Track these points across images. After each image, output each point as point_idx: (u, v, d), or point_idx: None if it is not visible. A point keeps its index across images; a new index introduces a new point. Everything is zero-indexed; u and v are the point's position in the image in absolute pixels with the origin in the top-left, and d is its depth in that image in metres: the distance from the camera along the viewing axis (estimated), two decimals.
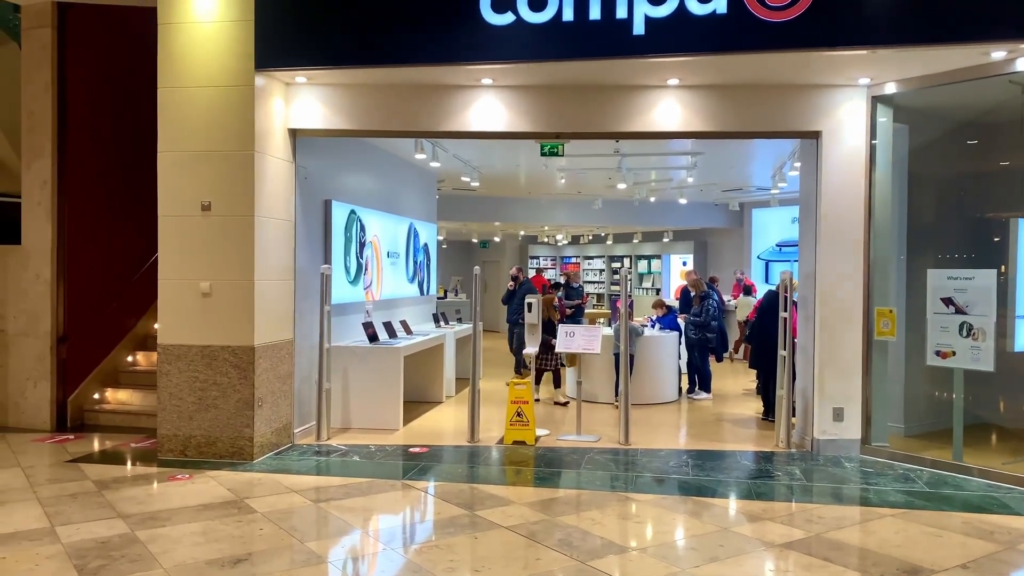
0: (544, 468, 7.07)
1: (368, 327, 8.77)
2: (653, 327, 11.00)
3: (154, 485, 6.32)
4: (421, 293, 11.83)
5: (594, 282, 25.22)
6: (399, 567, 4.70)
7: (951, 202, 8.52)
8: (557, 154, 8.59)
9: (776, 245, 17.42)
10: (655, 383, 10.38)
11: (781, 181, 11.94)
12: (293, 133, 7.61)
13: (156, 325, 7.31)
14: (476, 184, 13.03)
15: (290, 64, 7.01)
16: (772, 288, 9.29)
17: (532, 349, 8.89)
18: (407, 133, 8.02)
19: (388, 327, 9.27)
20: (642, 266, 23.47)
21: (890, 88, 7.27)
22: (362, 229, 9.28)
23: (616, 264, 24.30)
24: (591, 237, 24.84)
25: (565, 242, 25.85)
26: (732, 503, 6.04)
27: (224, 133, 6.96)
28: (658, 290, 21.95)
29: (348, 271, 8.93)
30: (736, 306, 14.76)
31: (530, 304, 8.82)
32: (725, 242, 19.94)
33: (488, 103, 7.48)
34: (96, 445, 7.80)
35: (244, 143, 6.94)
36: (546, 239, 25.87)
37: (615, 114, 7.49)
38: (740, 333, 13.04)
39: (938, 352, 6.98)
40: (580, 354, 8.38)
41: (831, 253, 7.47)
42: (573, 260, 26.30)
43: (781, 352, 7.80)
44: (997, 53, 6.29)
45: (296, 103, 7.53)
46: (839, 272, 7.45)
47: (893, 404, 7.78)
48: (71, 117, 8.62)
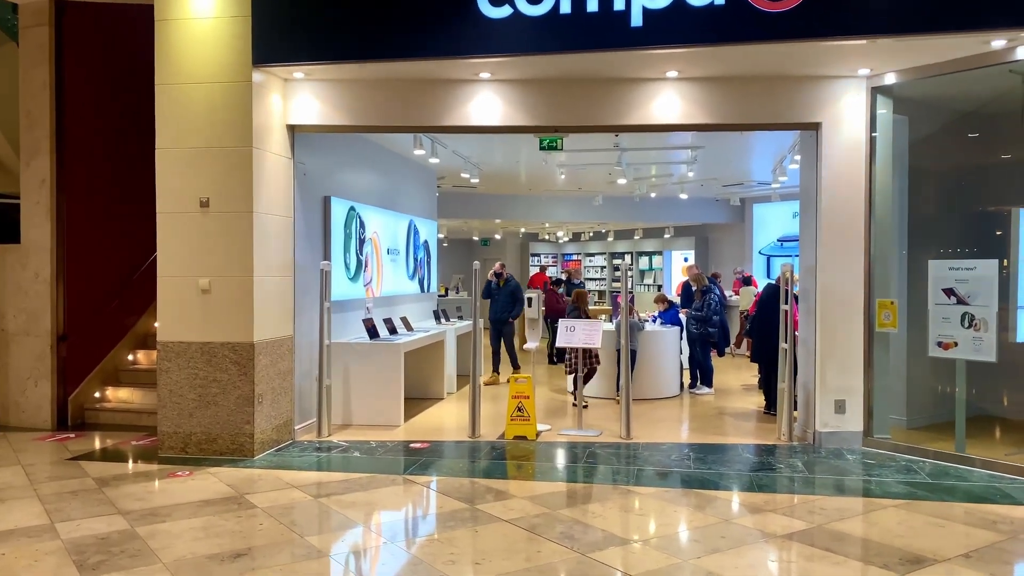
0: (545, 462, 7.05)
1: (368, 323, 8.75)
2: (655, 322, 10.98)
3: (154, 482, 6.31)
4: (422, 290, 11.82)
5: (596, 279, 25.20)
6: (400, 561, 4.69)
7: (952, 194, 8.48)
8: (556, 148, 8.57)
9: (777, 240, 17.39)
10: (657, 378, 10.35)
11: (782, 175, 11.91)
12: (291, 129, 7.60)
13: (156, 323, 7.29)
14: (476, 181, 13.01)
15: (287, 60, 7.00)
16: (772, 282, 9.26)
17: (533, 344, 8.87)
18: (405, 128, 8.00)
19: (388, 324, 9.25)
20: (643, 262, 23.45)
21: (890, 79, 7.24)
22: (362, 226, 9.26)
23: (617, 261, 24.26)
24: (592, 234, 24.82)
25: (566, 239, 25.84)
26: (734, 495, 6.02)
27: (222, 129, 6.95)
28: (659, 286, 21.93)
29: (348, 268, 8.92)
30: (739, 301, 14.73)
31: (530, 299, 8.80)
32: (726, 237, 19.91)
33: (486, 97, 7.46)
34: (97, 443, 7.80)
35: (242, 139, 6.93)
36: (547, 236, 25.85)
37: (614, 107, 7.46)
38: (741, 327, 13.01)
39: (940, 343, 6.96)
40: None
41: (832, 245, 7.45)
42: (574, 257, 26.28)
43: (782, 345, 7.78)
44: (997, 42, 6.26)
45: (294, 99, 7.51)
46: (840, 264, 7.43)
47: (895, 396, 7.75)
48: (69, 115, 8.61)
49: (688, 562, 4.54)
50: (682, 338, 11.11)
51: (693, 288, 11.31)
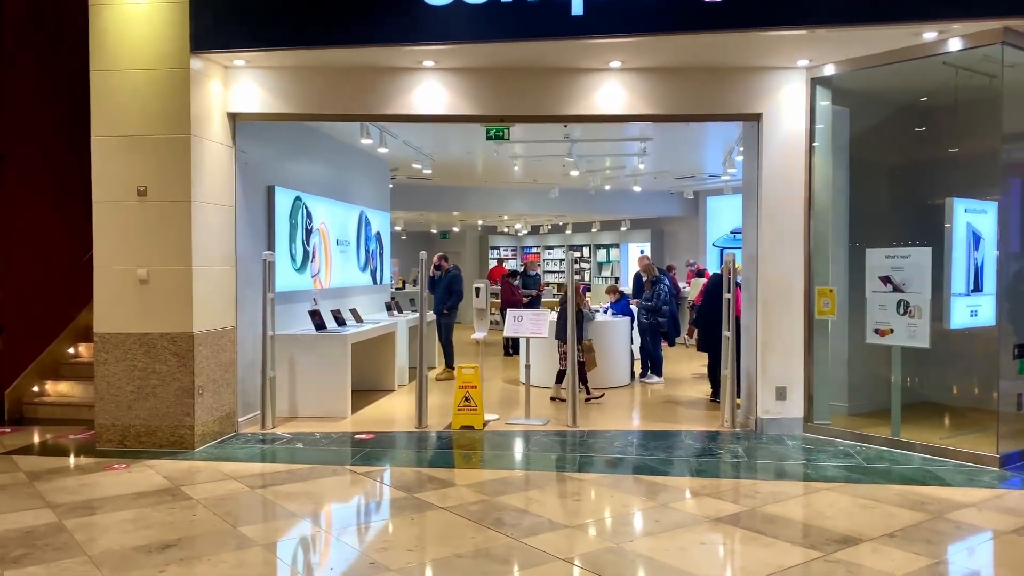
0: (490, 451, 7.06)
1: (315, 315, 8.67)
2: (606, 312, 11.04)
3: (89, 475, 6.18)
4: (374, 282, 11.74)
5: (555, 271, 25.27)
6: (333, 549, 4.66)
7: (891, 184, 8.64)
8: (503, 138, 8.56)
9: (731, 232, 17.58)
10: (608, 367, 10.40)
11: (731, 167, 12.03)
12: (232, 117, 7.49)
13: None
14: (428, 172, 12.95)
15: (227, 46, 6.89)
16: (717, 272, 9.36)
17: (481, 334, 8.87)
18: (349, 116, 7.93)
19: (336, 315, 9.18)
20: (601, 255, 23.56)
21: (828, 70, 7.35)
22: (308, 216, 9.17)
23: (576, 253, 24.36)
24: (551, 227, 24.88)
25: (525, 232, 25.86)
26: (674, 480, 6.08)
27: (160, 117, 6.82)
28: (616, 278, 22.07)
29: (294, 258, 8.82)
30: (690, 292, 14.89)
31: (478, 289, 8.78)
32: (681, 230, 20.10)
33: (431, 86, 7.42)
34: (35, 438, 7.63)
35: (180, 127, 6.81)
36: (506, 229, 25.85)
37: (559, 97, 7.48)
38: (691, 317, 13.16)
39: (877, 330, 7.09)
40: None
41: (772, 235, 7.55)
42: (534, 250, 26.33)
43: (725, 333, 7.87)
44: (928, 34, 6.39)
45: (235, 86, 7.40)
46: (780, 254, 7.54)
47: (836, 383, 7.89)
48: (6, 104, 8.39)
49: (620, 545, 4.58)
50: (633, 328, 11.19)
51: (643, 279, 11.39)
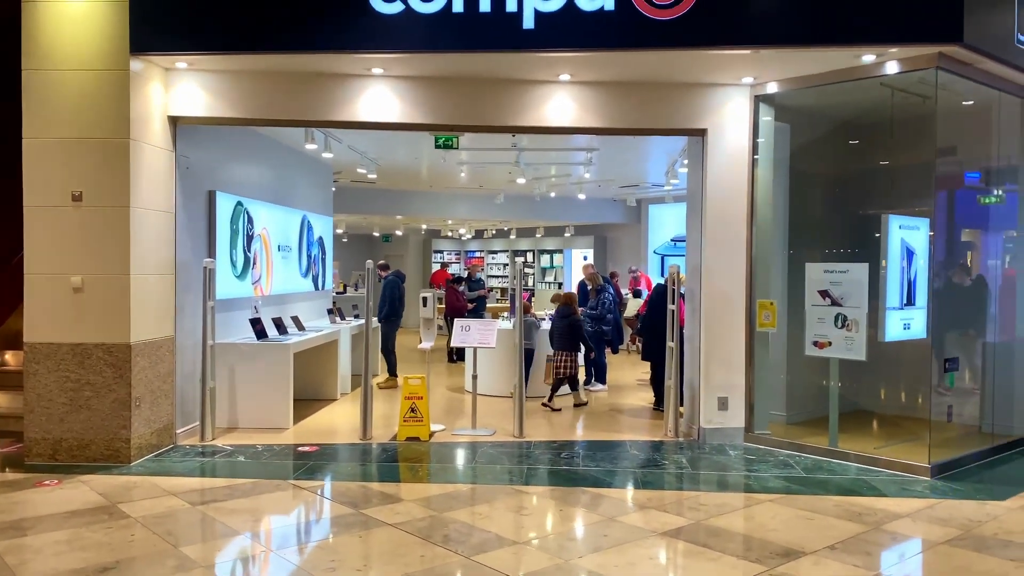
0: (437, 464, 7.01)
1: (256, 323, 8.50)
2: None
3: (18, 492, 5.93)
4: (316, 288, 11.57)
5: (498, 276, 25.29)
6: (279, 569, 4.57)
7: (829, 198, 8.89)
8: (452, 147, 8.53)
9: (671, 240, 17.85)
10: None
11: (673, 178, 12.21)
12: (173, 121, 7.28)
13: None
14: (373, 176, 12.82)
15: (169, 48, 6.70)
16: (662, 282, 9.49)
17: (428, 343, 8.82)
18: (295, 122, 7.79)
19: (278, 323, 9.01)
20: (545, 260, 23.67)
21: (772, 88, 7.52)
22: (250, 221, 8.98)
23: (520, 259, 24.42)
24: (495, 232, 24.87)
25: (469, 236, 25.80)
26: (620, 493, 6.14)
27: (97, 119, 6.60)
28: (560, 284, 22.20)
29: (235, 265, 8.63)
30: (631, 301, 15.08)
31: (425, 298, 8.73)
32: (624, 237, 20.32)
33: (380, 93, 7.35)
34: None
35: (118, 130, 6.59)
36: (450, 233, 25.75)
37: (508, 108, 7.48)
38: (632, 328, 13.35)
39: (815, 342, 7.28)
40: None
41: (715, 247, 7.69)
42: (477, 254, 26.29)
43: (669, 344, 7.98)
44: (867, 56, 6.59)
45: (176, 89, 7.20)
46: (723, 266, 7.68)
47: (775, 393, 8.08)
48: None
49: (569, 562, 4.60)
50: None
51: (588, 287, 11.48)
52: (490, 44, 6.48)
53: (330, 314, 11.35)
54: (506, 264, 25.33)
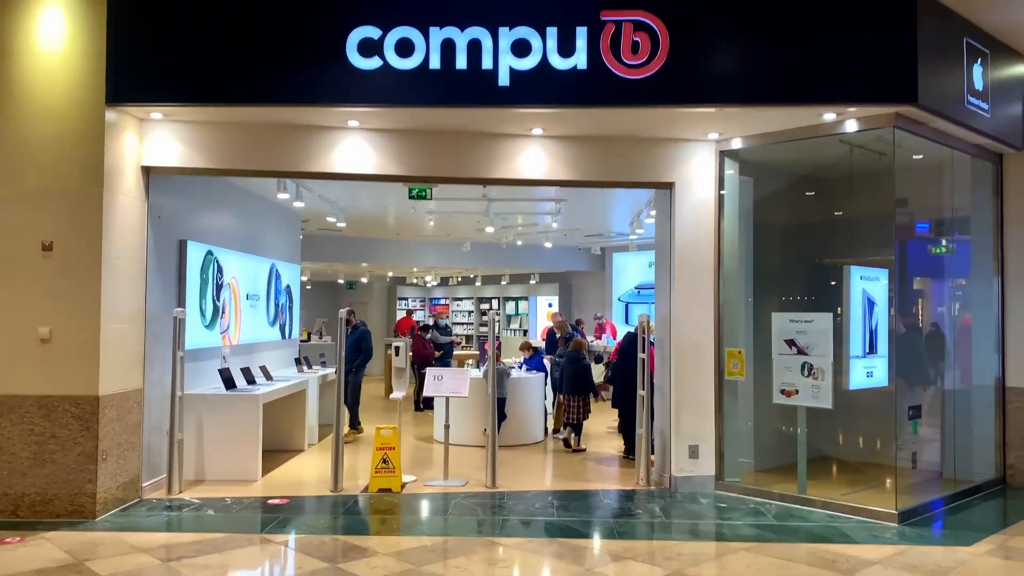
0: (410, 516, 6.96)
1: (225, 373, 8.40)
2: (521, 368, 11.13)
3: None
4: (283, 337, 11.48)
5: (463, 323, 25.29)
6: None
7: (792, 249, 9.15)
8: (425, 198, 8.61)
9: (635, 288, 18.10)
10: (522, 424, 10.47)
11: (639, 228, 12.47)
12: (147, 171, 7.27)
13: None
14: (343, 225, 12.85)
15: (145, 99, 6.72)
16: (631, 331, 9.62)
17: (400, 393, 8.79)
18: (270, 173, 7.83)
19: (247, 373, 8.92)
20: (510, 307, 23.78)
21: (736, 143, 7.78)
22: (219, 270, 8.93)
23: (484, 306, 24.50)
24: (460, 279, 24.96)
25: (434, 283, 25.84)
26: (596, 543, 6.15)
27: (70, 169, 6.57)
28: (525, 331, 22.28)
29: (204, 314, 8.55)
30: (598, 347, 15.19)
31: (398, 348, 8.72)
32: (588, 284, 20.55)
33: (355, 145, 7.44)
34: None
35: (92, 180, 6.57)
36: (415, 280, 25.77)
37: (482, 160, 7.62)
38: (606, 374, 13.41)
39: (783, 391, 7.43)
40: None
41: (684, 296, 7.85)
42: (442, 301, 26.31)
43: (640, 392, 8.07)
44: (828, 115, 6.87)
45: (151, 139, 7.21)
46: (692, 315, 7.83)
47: (744, 441, 8.19)
48: None
49: None
50: (546, 384, 11.31)
51: (557, 335, 11.57)
52: (466, 100, 6.62)
53: (297, 363, 11.25)
54: (471, 311, 25.37)
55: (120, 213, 6.85)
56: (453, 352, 15.43)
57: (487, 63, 6.49)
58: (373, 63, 6.51)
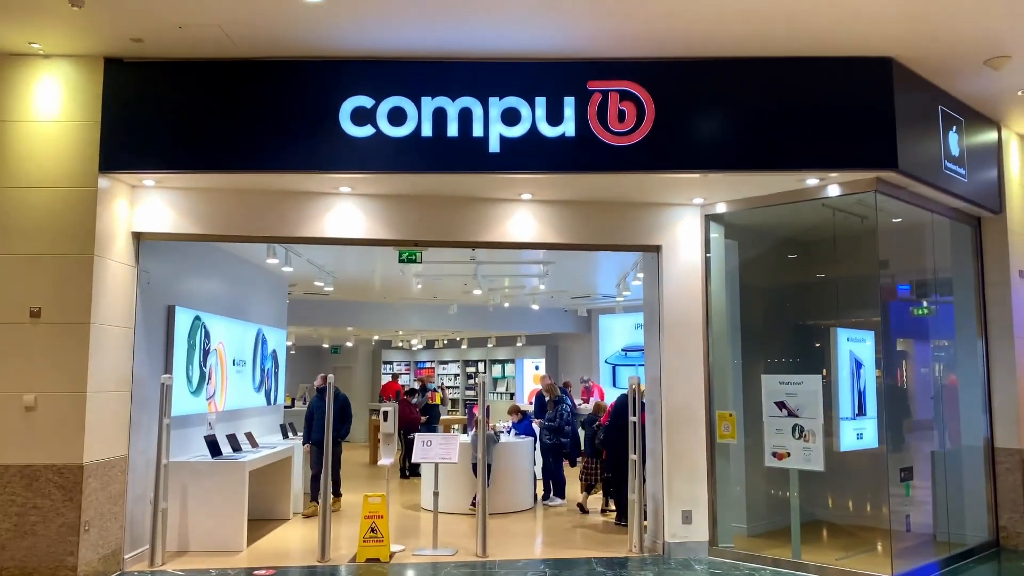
0: None
1: (210, 440, 8.28)
2: (510, 433, 11.04)
3: None
4: (268, 403, 11.36)
5: (450, 387, 25.12)
6: None
7: (777, 311, 9.24)
8: (415, 261, 8.67)
9: (622, 350, 18.12)
10: (511, 491, 10.33)
11: (625, 290, 12.56)
12: (137, 236, 7.29)
13: None
14: (330, 289, 12.86)
15: (138, 167, 6.78)
16: (623, 392, 9.60)
17: (388, 460, 8.68)
18: (262, 238, 7.85)
19: (232, 439, 8.80)
20: (496, 370, 23.69)
21: (721, 208, 7.93)
22: (207, 336, 8.88)
23: (471, 369, 24.40)
24: (446, 342, 24.90)
25: (420, 346, 25.75)
26: None
27: (61, 236, 6.58)
28: (512, 394, 22.16)
29: (190, 381, 8.47)
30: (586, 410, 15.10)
31: (386, 412, 8.65)
32: (575, 346, 20.55)
33: (346, 210, 7.51)
34: None
35: (83, 246, 6.58)
36: (400, 343, 25.68)
37: (472, 224, 7.70)
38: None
39: (775, 453, 7.41)
40: None
41: (674, 359, 7.87)
42: (428, 365, 26.18)
43: (632, 456, 8.02)
44: (811, 180, 7.04)
45: (142, 206, 7.25)
46: (682, 377, 7.85)
47: (736, 505, 8.12)
48: None
49: None
50: (535, 448, 11.21)
51: (546, 398, 11.52)
52: (457, 166, 6.73)
53: (283, 431, 11.11)
54: (457, 375, 25.24)
55: (110, 279, 6.84)
56: (439, 417, 15.25)
57: (478, 131, 6.63)
58: (366, 131, 6.64)
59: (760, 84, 6.71)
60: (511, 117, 6.64)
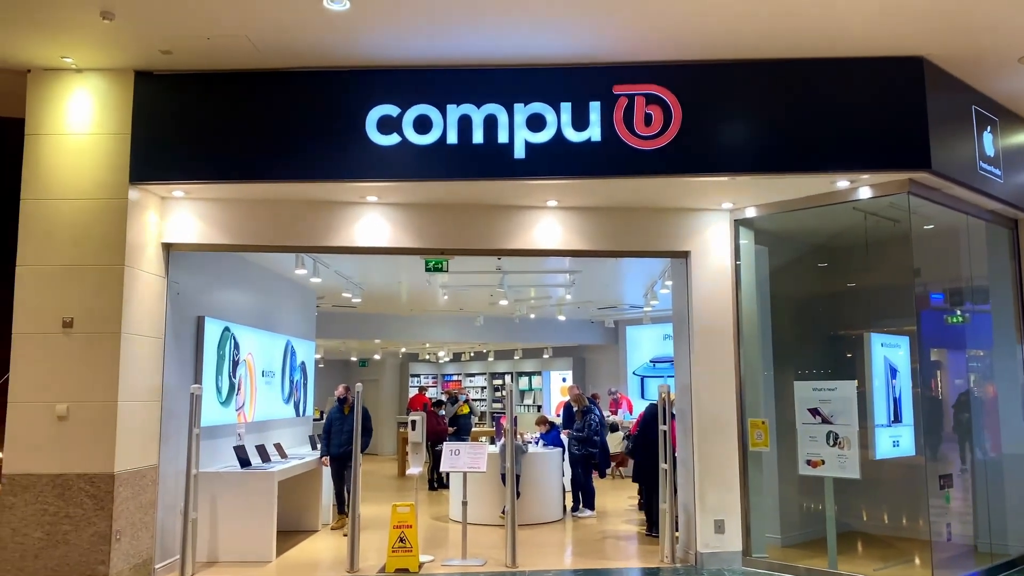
0: None
1: (240, 451, 8.30)
2: (538, 443, 10.96)
3: None
4: (297, 414, 11.38)
5: (477, 399, 25.06)
6: None
7: (809, 318, 9.09)
8: (441, 270, 8.67)
9: (650, 361, 17.95)
10: (540, 502, 10.24)
11: (653, 299, 12.43)
12: (167, 247, 7.36)
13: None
14: (358, 301, 12.90)
15: (168, 178, 6.86)
16: (652, 402, 9.49)
17: (416, 469, 8.64)
18: (289, 248, 7.89)
19: (261, 451, 8.82)
20: (523, 383, 23.60)
21: (750, 212, 7.83)
22: (236, 347, 8.93)
23: (498, 381, 24.32)
24: (473, 354, 24.86)
25: (447, 359, 25.74)
26: None
27: (93, 247, 6.65)
28: (539, 407, 22.05)
29: (220, 391, 8.51)
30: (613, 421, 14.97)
31: (414, 422, 8.62)
32: (602, 358, 20.41)
33: (373, 219, 7.52)
34: None
35: (114, 258, 6.64)
36: (428, 356, 25.69)
37: (498, 232, 7.68)
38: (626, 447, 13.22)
39: (809, 461, 7.27)
40: None
41: (705, 366, 7.77)
42: (455, 377, 26.15)
43: (663, 465, 7.91)
44: (842, 182, 6.93)
45: (172, 217, 7.32)
46: (713, 385, 7.74)
47: (770, 514, 7.97)
48: None
49: None
50: (564, 459, 11.11)
51: (574, 409, 11.43)
52: (482, 173, 6.72)
53: (312, 442, 11.13)
54: (484, 387, 25.18)
55: (140, 290, 6.90)
56: (470, 429, 15.17)
57: (503, 137, 6.62)
58: (392, 139, 6.66)
59: (788, 85, 6.63)
60: (536, 123, 6.62)
